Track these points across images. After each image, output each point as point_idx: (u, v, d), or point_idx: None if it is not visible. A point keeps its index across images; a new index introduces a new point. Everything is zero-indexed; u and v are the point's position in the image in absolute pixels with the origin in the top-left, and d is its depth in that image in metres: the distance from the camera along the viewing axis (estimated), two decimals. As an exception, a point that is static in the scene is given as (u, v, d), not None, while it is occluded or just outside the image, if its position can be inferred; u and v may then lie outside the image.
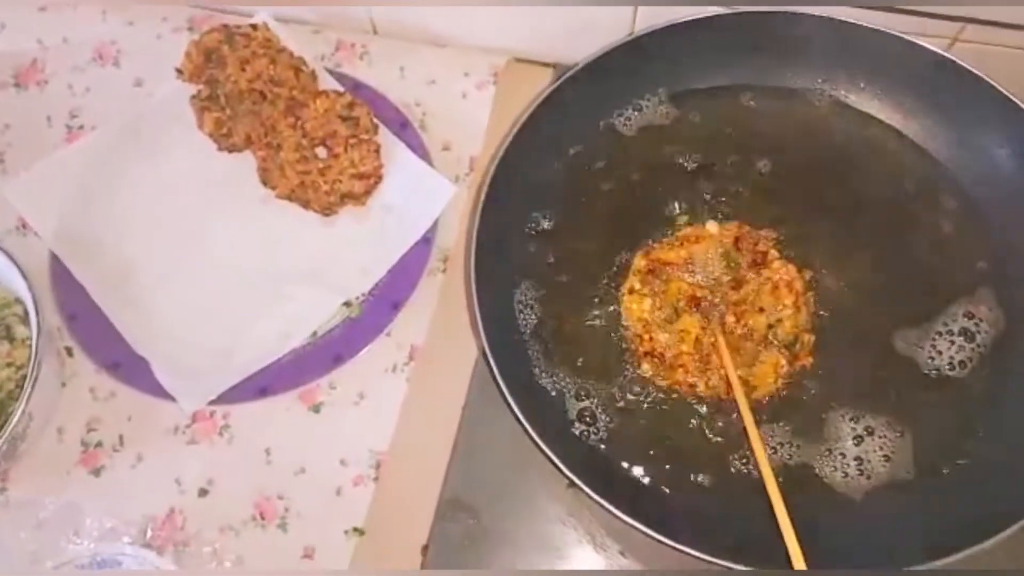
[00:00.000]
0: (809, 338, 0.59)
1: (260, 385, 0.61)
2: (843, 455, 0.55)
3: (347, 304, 0.64)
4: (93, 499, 0.60)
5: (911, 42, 0.57)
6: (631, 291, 0.61)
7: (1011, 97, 0.57)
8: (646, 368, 0.59)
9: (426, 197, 0.66)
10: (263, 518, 0.60)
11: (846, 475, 0.54)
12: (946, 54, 0.58)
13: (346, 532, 0.59)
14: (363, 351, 0.62)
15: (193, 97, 0.69)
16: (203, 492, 0.60)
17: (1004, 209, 0.60)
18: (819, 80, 0.64)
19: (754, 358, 0.58)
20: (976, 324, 0.57)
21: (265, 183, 0.68)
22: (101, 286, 0.64)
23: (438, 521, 0.56)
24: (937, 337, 0.57)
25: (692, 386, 0.58)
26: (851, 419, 0.55)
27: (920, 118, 0.62)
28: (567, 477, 0.47)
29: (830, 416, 0.56)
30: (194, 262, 0.66)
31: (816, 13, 0.59)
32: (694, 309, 0.59)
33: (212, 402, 0.60)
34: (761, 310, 0.59)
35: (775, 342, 0.58)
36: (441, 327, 0.64)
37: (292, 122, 0.67)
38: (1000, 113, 0.57)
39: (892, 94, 0.62)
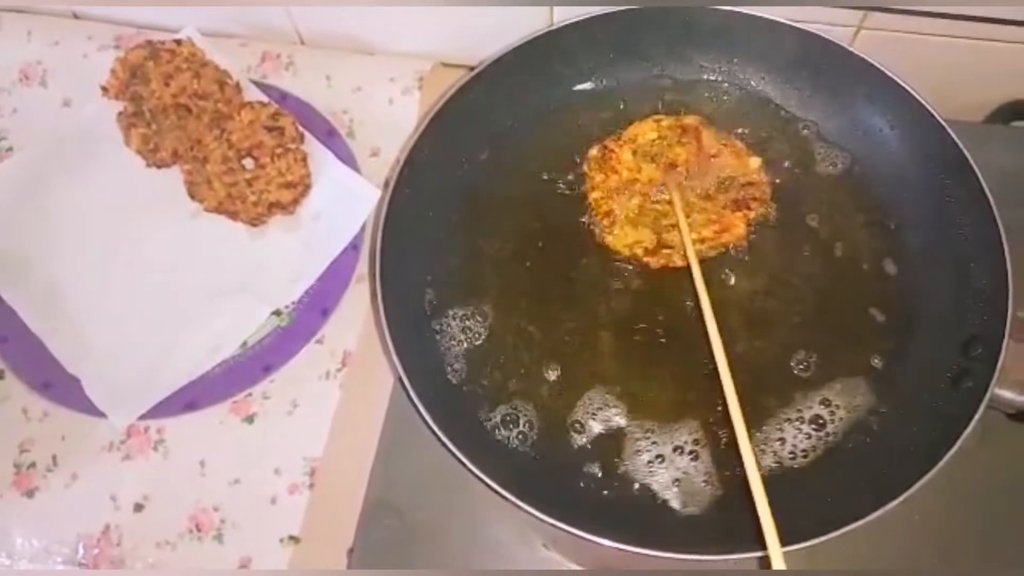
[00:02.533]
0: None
1: (190, 398, 0.61)
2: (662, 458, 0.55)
3: (277, 313, 0.64)
4: (27, 521, 0.60)
5: (806, 31, 0.59)
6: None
7: (897, 80, 0.58)
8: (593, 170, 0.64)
9: (353, 203, 0.67)
10: (199, 530, 0.60)
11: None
12: (839, 42, 0.59)
13: (281, 540, 0.59)
14: (294, 359, 0.62)
15: (119, 114, 0.69)
16: (139, 507, 0.60)
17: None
18: (723, 70, 0.65)
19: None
20: (832, 412, 0.55)
21: (193, 197, 0.68)
22: (31, 306, 0.64)
23: (363, 523, 0.56)
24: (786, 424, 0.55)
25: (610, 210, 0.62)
26: (694, 439, 0.55)
27: (818, 106, 0.63)
28: (479, 479, 0.47)
29: (683, 423, 0.55)
30: (124, 279, 0.66)
31: (717, 7, 0.60)
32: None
33: (142, 417, 0.60)
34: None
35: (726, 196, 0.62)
36: (372, 331, 0.64)
37: (217, 135, 0.68)
38: (888, 98, 0.59)
39: (792, 81, 0.63)
